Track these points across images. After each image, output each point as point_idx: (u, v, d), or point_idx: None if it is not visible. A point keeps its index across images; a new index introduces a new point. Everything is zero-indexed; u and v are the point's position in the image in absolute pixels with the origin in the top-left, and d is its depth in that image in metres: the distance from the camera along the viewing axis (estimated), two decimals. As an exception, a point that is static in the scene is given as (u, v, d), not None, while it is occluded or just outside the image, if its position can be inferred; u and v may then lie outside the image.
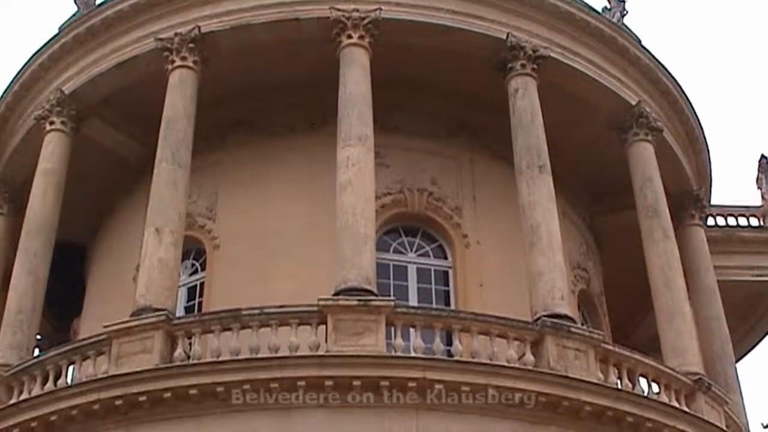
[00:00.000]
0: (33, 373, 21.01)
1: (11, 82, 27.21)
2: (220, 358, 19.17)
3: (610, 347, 21.39)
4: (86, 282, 28.08)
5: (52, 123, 25.45)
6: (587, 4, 25.92)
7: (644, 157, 25.76)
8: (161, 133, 22.83)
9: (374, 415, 18.57)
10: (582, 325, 22.96)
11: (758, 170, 37.08)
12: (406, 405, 18.69)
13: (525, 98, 23.71)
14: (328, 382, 18.50)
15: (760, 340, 35.47)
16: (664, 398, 21.14)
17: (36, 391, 20.56)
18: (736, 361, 29.12)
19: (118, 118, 26.55)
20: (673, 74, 27.58)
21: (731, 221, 34.35)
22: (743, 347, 34.56)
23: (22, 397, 20.69)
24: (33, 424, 19.88)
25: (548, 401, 19.30)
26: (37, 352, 24.62)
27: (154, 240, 21.16)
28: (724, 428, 22.05)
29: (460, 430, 18.76)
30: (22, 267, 24.00)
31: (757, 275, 33.46)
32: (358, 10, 23.33)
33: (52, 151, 25.20)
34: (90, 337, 21.16)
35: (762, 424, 46.04)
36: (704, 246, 28.47)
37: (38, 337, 26.76)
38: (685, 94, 28.02)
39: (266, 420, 18.56)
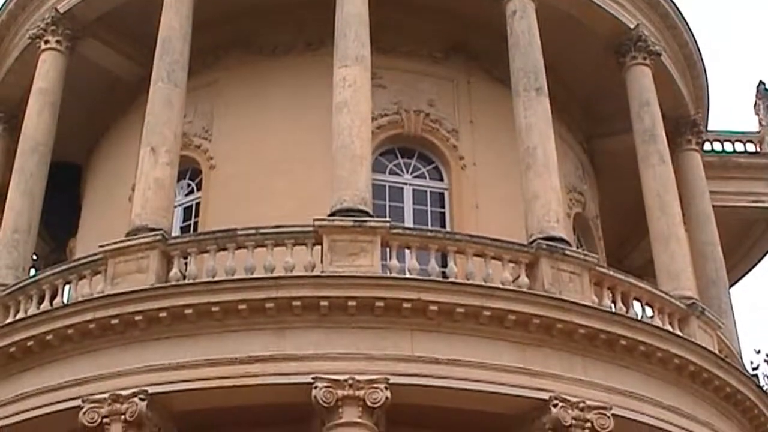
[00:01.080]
0: (29, 293, 21.00)
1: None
2: (216, 278, 19.17)
3: (605, 270, 21.45)
4: (82, 202, 28.05)
5: (47, 42, 25.32)
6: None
7: (642, 80, 25.65)
8: (157, 52, 22.64)
9: (369, 335, 18.60)
10: (577, 248, 22.95)
11: (756, 96, 36.96)
12: (401, 326, 18.73)
13: (523, 20, 23.51)
14: (323, 303, 18.53)
15: (754, 266, 35.55)
16: (658, 322, 21.18)
17: (32, 310, 20.55)
18: (730, 287, 29.19)
19: (113, 37, 26.41)
20: (673, -2, 27.43)
21: (728, 147, 34.25)
22: (737, 273, 34.64)
23: (18, 317, 20.68)
24: (29, 344, 19.88)
25: (542, 323, 19.32)
26: (33, 272, 24.63)
27: (150, 159, 21.06)
28: (717, 352, 22.06)
29: (455, 352, 18.78)
30: (17, 187, 23.99)
31: (753, 201, 33.44)
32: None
33: (48, 71, 25.08)
34: (86, 257, 21.15)
35: (755, 350, 46.47)
36: (700, 171, 28.45)
37: (34, 257, 26.83)
38: (683, 18, 27.83)
39: (261, 339, 18.58)
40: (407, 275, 19.34)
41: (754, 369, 44.36)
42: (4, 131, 27.70)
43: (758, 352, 48.92)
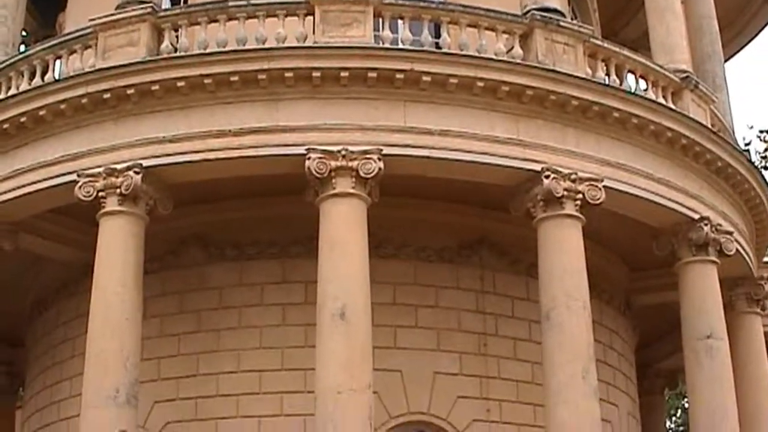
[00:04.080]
0: (20, 69, 20.80)
1: None
2: (208, 50, 19.00)
3: (599, 42, 21.25)
4: (70, -24, 27.60)
5: None
6: None
7: None
8: None
9: (362, 107, 18.58)
10: (571, 20, 22.69)
11: None
12: (394, 97, 18.69)
13: None
14: (316, 74, 18.42)
15: (750, 42, 35.29)
16: (651, 95, 21.09)
17: (24, 86, 20.40)
18: (725, 62, 29.02)
19: None
20: None
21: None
22: (732, 47, 34.37)
23: (10, 93, 20.53)
24: (22, 119, 19.86)
25: (535, 95, 19.27)
26: (23, 48, 24.42)
27: (137, -71, 20.59)
28: (710, 126, 22.11)
29: (448, 123, 18.80)
30: (3, -39, 23.57)
31: (751, -26, 32.99)
32: None
33: None
34: (76, 31, 20.86)
35: (748, 126, 46.81)
36: (699, -58, 27.96)
37: (24, 33, 26.57)
38: None
39: (254, 111, 18.56)
40: (400, 46, 19.19)
41: (746, 145, 44.82)
42: None
43: (751, 127, 49.34)
